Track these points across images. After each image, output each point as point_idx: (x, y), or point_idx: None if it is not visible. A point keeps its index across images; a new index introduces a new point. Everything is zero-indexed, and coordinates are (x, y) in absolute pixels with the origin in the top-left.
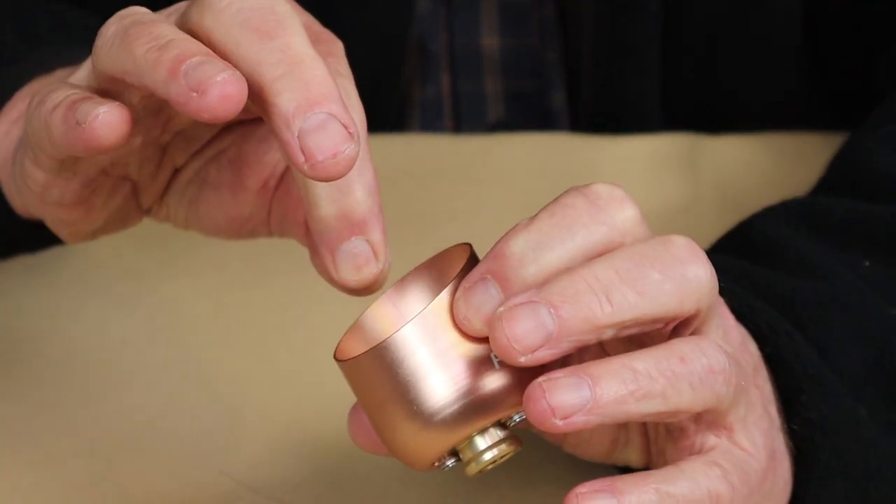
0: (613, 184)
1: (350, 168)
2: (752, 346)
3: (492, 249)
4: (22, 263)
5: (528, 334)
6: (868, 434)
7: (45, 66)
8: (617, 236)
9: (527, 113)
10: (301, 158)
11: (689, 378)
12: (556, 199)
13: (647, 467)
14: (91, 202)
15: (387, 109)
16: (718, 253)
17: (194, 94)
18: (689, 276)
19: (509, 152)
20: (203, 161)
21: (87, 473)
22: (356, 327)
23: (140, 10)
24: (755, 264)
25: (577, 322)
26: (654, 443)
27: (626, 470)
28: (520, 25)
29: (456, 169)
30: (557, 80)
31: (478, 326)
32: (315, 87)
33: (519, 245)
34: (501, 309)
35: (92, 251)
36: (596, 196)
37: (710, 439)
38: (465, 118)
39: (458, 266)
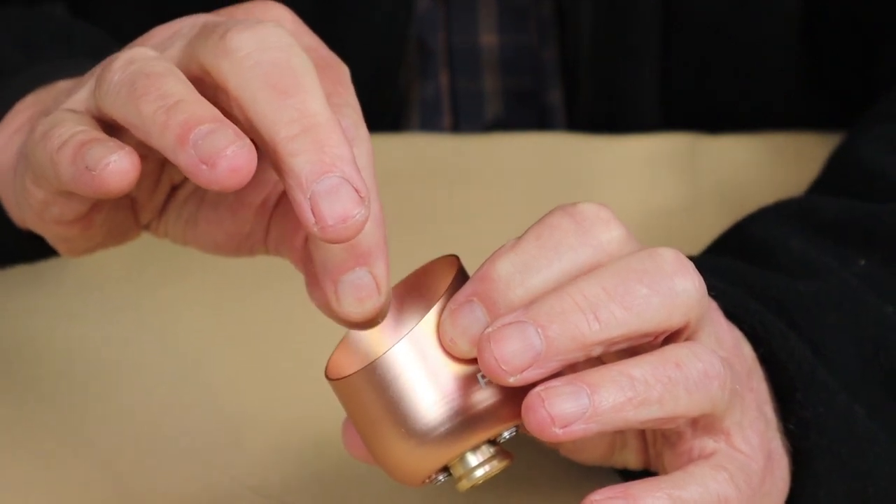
0: (600, 203)
1: (359, 232)
2: (747, 348)
3: (478, 271)
4: (23, 265)
5: (516, 355)
6: (864, 431)
7: (45, 78)
8: (603, 257)
9: (525, 111)
10: (311, 220)
11: (685, 383)
12: (542, 220)
13: (645, 468)
14: (90, 220)
15: (386, 107)
16: (714, 254)
17: (203, 167)
18: (677, 290)
19: (509, 152)
20: None
21: (87, 474)
22: (345, 342)
23: (145, 56)
24: (750, 265)
25: (564, 341)
26: (651, 445)
27: (624, 471)
28: (518, 24)
29: (455, 169)
30: (555, 79)
31: (465, 348)
32: (329, 150)
33: (505, 267)
34: (489, 329)
35: (93, 255)
36: (582, 217)
37: (709, 444)
38: (464, 116)
39: (445, 280)
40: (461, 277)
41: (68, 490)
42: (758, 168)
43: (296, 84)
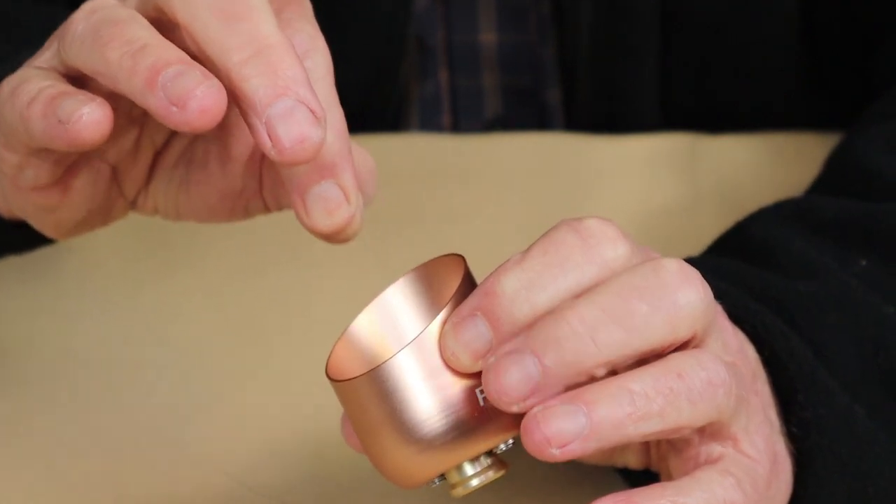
0: (605, 219)
1: (317, 153)
2: (750, 350)
3: (483, 284)
4: (21, 263)
5: (516, 386)
6: (865, 431)
7: None
8: (608, 275)
9: (524, 109)
10: (269, 144)
11: (688, 394)
12: (548, 234)
13: (646, 468)
14: (68, 184)
15: (386, 106)
16: (714, 254)
17: (174, 109)
18: (681, 303)
19: (509, 152)
20: (186, 139)
21: (86, 473)
22: (346, 337)
23: (107, 4)
24: (751, 265)
25: (561, 369)
26: (654, 447)
27: (624, 470)
28: (517, 22)
29: (455, 169)
30: (554, 78)
31: (466, 363)
32: (283, 72)
33: (511, 283)
34: (491, 359)
35: (91, 251)
36: (589, 233)
37: (716, 449)
38: (463, 114)
39: (449, 279)
40: (468, 283)
41: (67, 489)
42: (758, 168)
43: (245, 8)
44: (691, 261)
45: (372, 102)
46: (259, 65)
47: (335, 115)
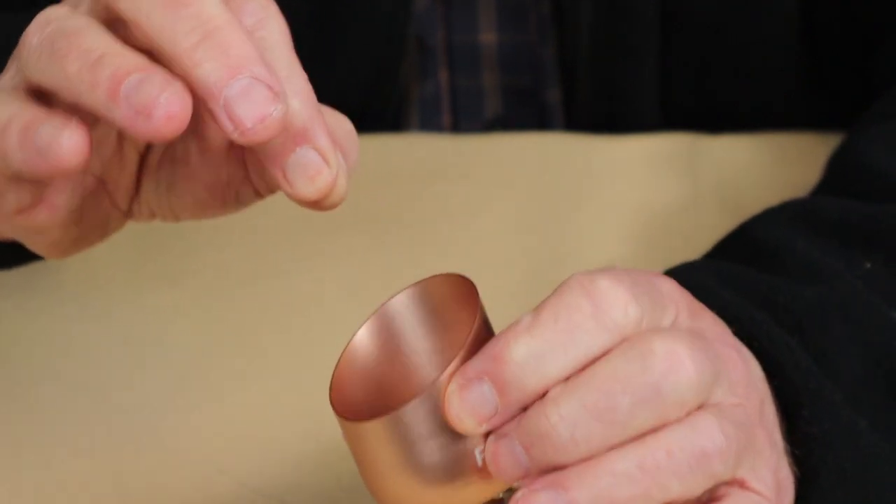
0: (617, 278)
1: (280, 130)
2: (756, 370)
3: (492, 347)
4: (21, 268)
5: (509, 467)
6: (868, 444)
7: None
8: (618, 340)
9: (524, 109)
10: (230, 127)
11: (677, 471)
12: (560, 295)
13: None
14: (53, 204)
15: (386, 106)
16: (718, 257)
17: (140, 119)
18: (666, 392)
19: (508, 152)
20: None
21: (86, 474)
22: (347, 355)
23: (60, 15)
24: (754, 267)
25: (546, 460)
26: None
27: None
28: (517, 22)
29: (455, 169)
30: (554, 78)
31: (469, 427)
32: (234, 52)
33: (520, 351)
34: (492, 439)
35: (90, 253)
36: (601, 298)
37: (720, 489)
38: (463, 114)
39: (456, 303)
40: (481, 327)
41: (67, 490)
42: (758, 168)
43: None
44: (694, 265)
45: (372, 102)
46: (209, 48)
47: (298, 81)
